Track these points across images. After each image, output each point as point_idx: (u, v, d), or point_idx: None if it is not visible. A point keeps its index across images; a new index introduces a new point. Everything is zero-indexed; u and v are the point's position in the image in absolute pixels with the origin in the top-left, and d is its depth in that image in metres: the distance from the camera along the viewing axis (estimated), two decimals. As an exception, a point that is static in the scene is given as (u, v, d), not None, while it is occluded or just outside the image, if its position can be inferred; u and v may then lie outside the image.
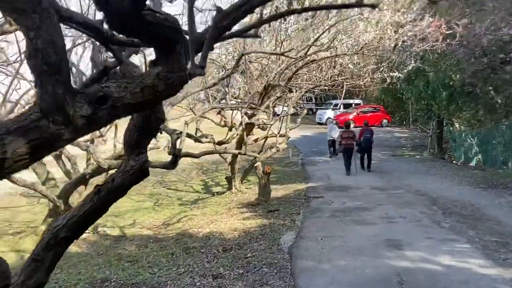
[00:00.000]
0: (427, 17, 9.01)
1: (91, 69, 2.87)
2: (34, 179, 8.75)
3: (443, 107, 17.13)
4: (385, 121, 28.75)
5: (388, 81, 12.00)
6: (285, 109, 12.12)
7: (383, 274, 5.63)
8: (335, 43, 8.93)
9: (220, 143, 11.27)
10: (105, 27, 2.05)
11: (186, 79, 2.08)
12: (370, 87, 16.54)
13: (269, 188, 10.94)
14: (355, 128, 19.18)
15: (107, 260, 7.08)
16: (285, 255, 6.49)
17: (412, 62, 12.36)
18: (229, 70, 7.94)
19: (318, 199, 10.55)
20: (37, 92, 1.76)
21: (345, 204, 9.86)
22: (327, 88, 13.05)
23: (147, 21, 1.80)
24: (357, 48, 9.22)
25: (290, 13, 4.00)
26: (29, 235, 8.59)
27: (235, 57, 9.51)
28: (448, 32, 9.66)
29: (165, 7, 1.99)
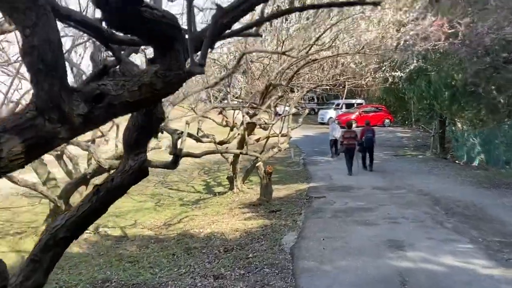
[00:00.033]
0: (429, 16, 8.96)
1: (92, 69, 2.85)
2: (35, 179, 8.75)
3: (445, 107, 17.05)
4: (387, 121, 28.67)
5: (390, 80, 11.95)
6: (287, 108, 12.08)
7: (385, 274, 5.60)
8: (336, 42, 8.89)
9: (221, 143, 11.23)
10: (104, 26, 2.03)
11: (184, 77, 2.05)
12: (372, 86, 16.46)
13: (271, 188, 10.90)
14: (357, 128, 19.14)
15: (108, 260, 7.06)
16: (287, 256, 6.46)
17: (414, 61, 12.30)
18: (230, 69, 7.91)
19: (320, 199, 10.51)
20: (33, 90, 1.74)
21: (347, 204, 9.81)
22: (328, 87, 13.01)
23: (144, 18, 1.77)
24: (359, 47, 9.17)
25: (291, 11, 3.97)
26: (29, 236, 8.58)
27: (236, 57, 9.47)
28: (450, 31, 9.61)
29: (167, 6, 1.96)
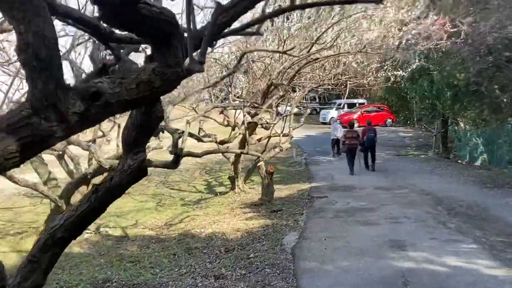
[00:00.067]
0: (431, 15, 8.90)
1: (92, 68, 2.82)
2: (36, 179, 8.74)
3: (448, 106, 16.96)
4: (389, 120, 28.60)
5: (392, 80, 11.88)
6: (289, 108, 12.05)
7: (387, 275, 5.56)
8: (338, 41, 8.84)
9: (222, 143, 11.21)
10: (103, 24, 2.00)
11: (182, 75, 2.02)
12: (374, 86, 16.39)
13: (272, 188, 10.87)
14: (359, 127, 19.08)
15: (108, 260, 7.05)
16: (288, 256, 6.43)
17: (416, 60, 12.23)
18: (231, 69, 7.88)
19: (321, 199, 10.48)
20: (28, 88, 1.71)
21: (349, 204, 9.77)
22: (330, 87, 12.96)
23: (142, 15, 1.74)
24: (361, 46, 9.12)
25: (292, 9, 3.92)
26: (30, 236, 8.58)
27: (237, 56, 9.44)
28: (452, 30, 9.53)
29: (167, 5, 1.93)
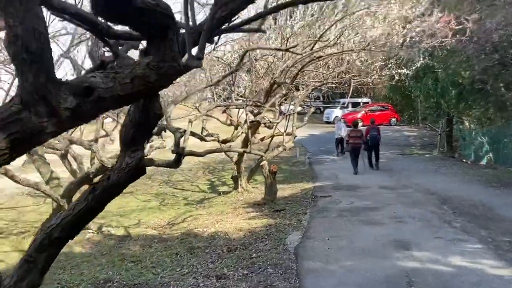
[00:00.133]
0: (435, 12, 8.80)
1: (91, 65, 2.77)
2: (38, 179, 8.72)
3: (453, 105, 16.84)
4: (393, 119, 28.46)
5: (396, 78, 11.78)
6: (292, 107, 11.97)
7: (391, 275, 5.48)
8: (341, 39, 8.76)
9: (224, 142, 11.16)
10: (100, 20, 1.94)
11: (179, 69, 1.96)
12: (378, 84, 16.28)
13: (276, 187, 10.80)
14: (363, 126, 18.99)
15: (110, 260, 7.02)
16: (291, 256, 6.36)
17: (420, 59, 12.12)
18: (234, 67, 7.83)
19: (325, 198, 10.40)
20: (18, 82, 1.66)
21: (353, 203, 9.69)
22: (334, 86, 12.87)
23: (136, 7, 1.68)
24: (364, 44, 9.03)
25: (294, 4, 3.86)
26: (32, 235, 8.55)
27: (240, 55, 9.39)
28: (457, 27, 9.43)
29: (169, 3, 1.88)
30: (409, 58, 11.86)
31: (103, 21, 1.96)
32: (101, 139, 10.67)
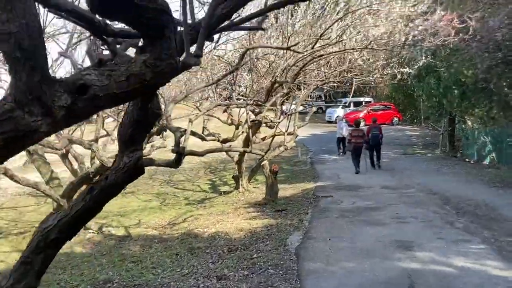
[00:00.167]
0: (438, 10, 8.73)
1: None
2: (38, 179, 8.69)
3: (455, 104, 16.74)
4: (396, 119, 28.38)
5: (398, 77, 11.72)
6: (293, 107, 11.92)
7: (393, 276, 5.43)
8: (343, 37, 8.70)
9: (225, 141, 11.11)
10: (98, 17, 1.90)
11: (176, 67, 1.92)
12: (380, 84, 16.22)
13: (277, 187, 10.75)
14: (365, 126, 18.93)
15: (110, 260, 6.98)
16: (292, 256, 6.31)
17: (423, 58, 12.04)
18: (234, 66, 7.77)
19: (327, 198, 10.35)
20: (11, 80, 1.62)
21: (355, 203, 9.64)
22: (336, 85, 12.81)
23: (134, 3, 1.64)
24: (366, 43, 8.97)
25: (294, 1, 3.80)
26: (32, 235, 8.52)
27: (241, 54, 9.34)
28: (460, 26, 9.36)
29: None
30: (412, 57, 11.79)
31: (100, 18, 1.92)
32: (102, 138, 10.65)
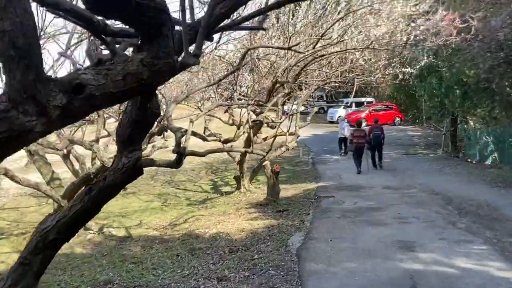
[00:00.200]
0: (440, 10, 8.69)
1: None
2: (38, 179, 8.68)
3: (457, 104, 16.69)
4: (397, 119, 28.31)
5: (400, 77, 11.68)
6: (295, 107, 11.89)
7: (395, 277, 5.39)
8: (345, 37, 8.67)
9: (226, 141, 11.09)
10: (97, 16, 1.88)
11: (174, 66, 1.89)
12: (382, 84, 16.18)
13: (278, 187, 10.72)
14: (367, 126, 18.88)
15: (111, 261, 6.96)
16: (293, 257, 6.28)
17: (424, 57, 12.00)
18: (235, 66, 7.75)
19: (328, 198, 10.32)
20: (5, 79, 1.60)
21: (356, 204, 9.60)
22: (337, 85, 12.78)
23: (130, 2, 1.62)
24: (368, 42, 8.93)
25: (295, 0, 3.76)
26: (33, 236, 8.51)
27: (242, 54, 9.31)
28: (462, 26, 9.31)
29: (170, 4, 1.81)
30: (413, 57, 11.75)
31: (99, 18, 1.89)
32: (103, 139, 10.64)
